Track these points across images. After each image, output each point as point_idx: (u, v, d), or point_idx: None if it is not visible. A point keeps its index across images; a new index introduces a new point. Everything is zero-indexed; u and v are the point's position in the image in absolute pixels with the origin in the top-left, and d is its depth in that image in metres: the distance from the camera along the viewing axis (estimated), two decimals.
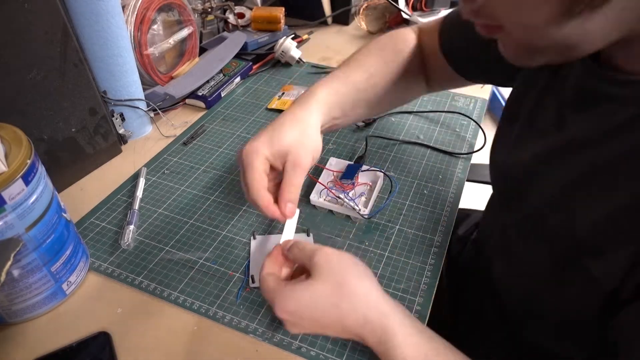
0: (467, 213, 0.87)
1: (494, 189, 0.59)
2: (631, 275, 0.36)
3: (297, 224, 0.52)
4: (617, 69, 0.38)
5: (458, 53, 0.62)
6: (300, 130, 0.50)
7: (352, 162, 0.66)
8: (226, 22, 1.00)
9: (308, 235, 0.58)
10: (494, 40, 0.42)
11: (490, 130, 0.75)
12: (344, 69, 0.59)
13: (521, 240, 0.49)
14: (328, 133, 0.76)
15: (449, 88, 0.75)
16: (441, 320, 0.65)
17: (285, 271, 0.47)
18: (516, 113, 0.52)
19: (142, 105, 0.74)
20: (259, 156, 0.48)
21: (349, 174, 0.62)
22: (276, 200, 0.48)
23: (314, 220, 0.60)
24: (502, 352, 0.59)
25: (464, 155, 0.72)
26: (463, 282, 0.73)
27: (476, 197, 1.21)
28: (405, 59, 0.62)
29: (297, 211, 0.49)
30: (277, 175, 0.51)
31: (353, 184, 0.62)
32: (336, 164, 0.65)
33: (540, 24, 0.33)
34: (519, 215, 0.49)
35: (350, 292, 0.42)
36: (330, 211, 0.61)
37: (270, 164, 0.49)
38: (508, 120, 0.54)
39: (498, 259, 0.57)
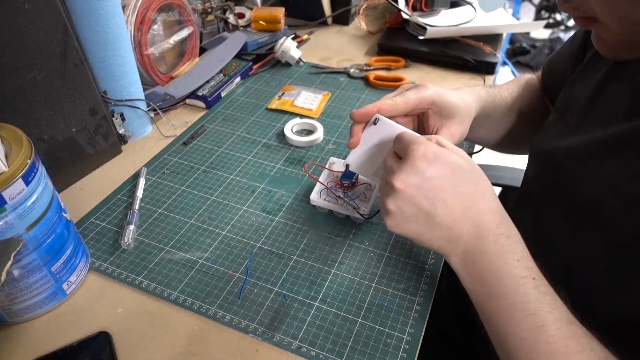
0: None
1: (531, 182, 0.57)
2: None
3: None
4: None
5: (553, 88, 0.63)
6: (465, 110, 0.53)
7: None
8: (226, 22, 1.00)
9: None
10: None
11: None
12: (493, 87, 0.65)
13: (575, 235, 0.46)
14: (327, 133, 0.77)
15: None
16: (441, 321, 0.65)
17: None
18: (569, 103, 0.51)
19: (142, 105, 0.74)
20: (430, 94, 0.50)
21: (349, 174, 0.62)
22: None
23: (314, 220, 0.60)
24: None
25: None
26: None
27: None
28: (531, 86, 0.68)
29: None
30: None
31: (353, 184, 0.62)
32: (336, 164, 0.65)
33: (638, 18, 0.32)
34: (570, 207, 0.47)
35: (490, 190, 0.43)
36: (330, 211, 0.61)
37: (429, 106, 0.51)
38: (561, 110, 0.53)
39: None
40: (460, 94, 0.54)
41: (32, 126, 0.58)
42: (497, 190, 1.01)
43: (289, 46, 0.93)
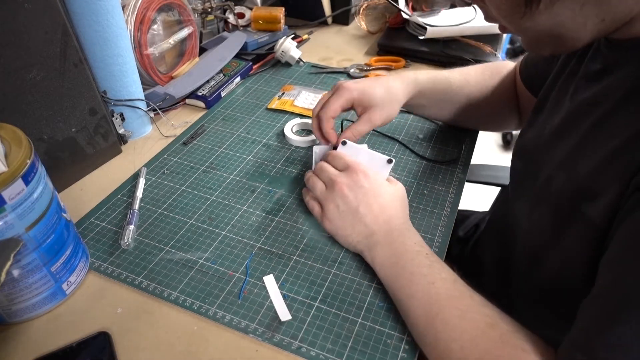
0: (467, 214, 0.87)
1: (511, 176, 0.62)
2: (617, 212, 0.39)
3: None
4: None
5: (529, 72, 0.68)
6: (388, 98, 0.62)
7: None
8: (226, 22, 1.00)
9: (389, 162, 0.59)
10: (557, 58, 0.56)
11: (488, 134, 0.75)
12: (447, 71, 0.71)
13: (532, 212, 0.52)
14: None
15: None
16: None
17: None
18: (544, 102, 0.56)
19: (142, 105, 0.74)
20: (350, 94, 0.61)
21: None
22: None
23: (314, 220, 0.60)
24: None
25: (458, 163, 0.72)
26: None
27: (476, 198, 1.22)
28: (501, 77, 0.72)
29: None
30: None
31: None
32: (320, 150, 0.65)
33: (514, 17, 0.40)
34: (531, 191, 0.52)
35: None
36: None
37: (351, 104, 0.62)
38: (536, 110, 0.58)
39: (507, 249, 0.59)
40: (390, 82, 0.64)
41: (31, 126, 0.58)
42: (496, 190, 1.01)
43: (288, 46, 0.93)
